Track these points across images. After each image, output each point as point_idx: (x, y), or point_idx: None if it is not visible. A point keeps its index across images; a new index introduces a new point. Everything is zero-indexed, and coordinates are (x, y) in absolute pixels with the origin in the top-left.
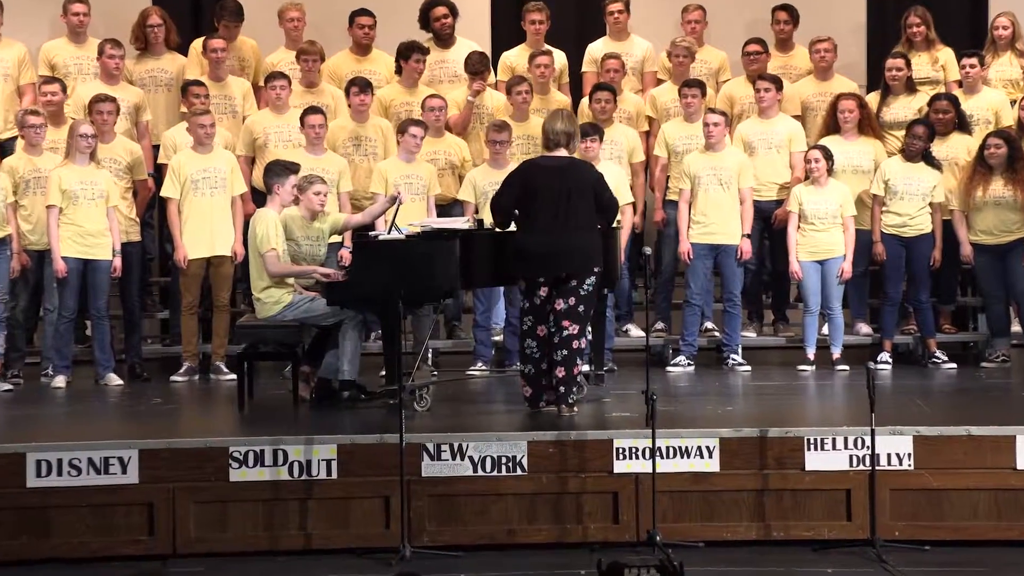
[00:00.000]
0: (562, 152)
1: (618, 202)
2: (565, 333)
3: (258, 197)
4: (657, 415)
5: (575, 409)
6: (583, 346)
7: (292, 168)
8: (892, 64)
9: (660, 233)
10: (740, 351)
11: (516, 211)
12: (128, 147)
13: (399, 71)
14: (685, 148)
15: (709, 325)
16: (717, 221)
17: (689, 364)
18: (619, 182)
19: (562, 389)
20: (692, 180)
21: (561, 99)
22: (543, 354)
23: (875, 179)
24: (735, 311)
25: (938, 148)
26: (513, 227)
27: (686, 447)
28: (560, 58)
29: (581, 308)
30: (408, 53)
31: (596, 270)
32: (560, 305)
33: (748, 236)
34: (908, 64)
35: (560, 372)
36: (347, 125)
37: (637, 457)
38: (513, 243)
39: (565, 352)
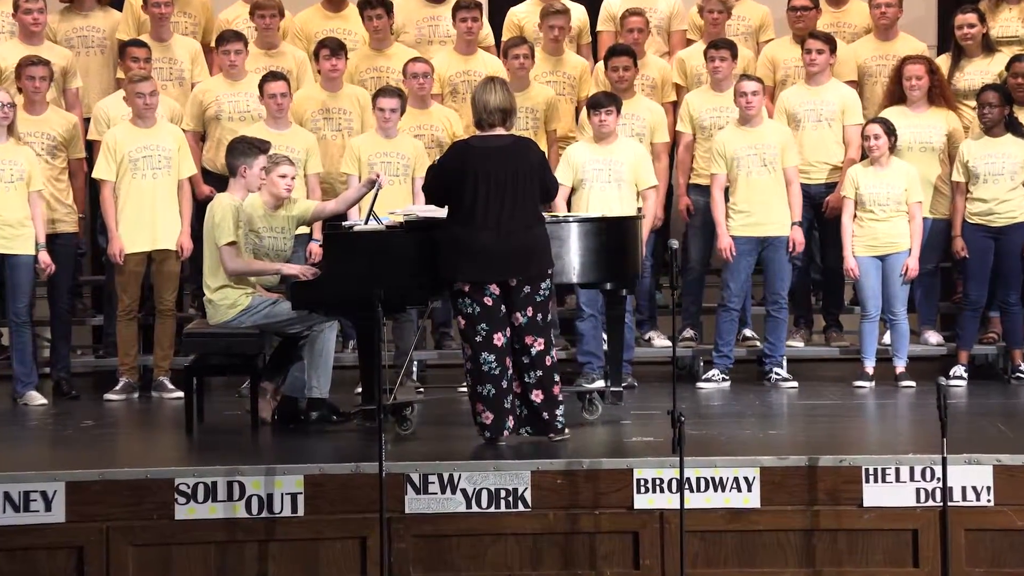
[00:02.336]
0: (500, 131)
1: (558, 183)
2: (534, 351)
3: (208, 179)
4: (685, 440)
5: (566, 433)
6: (556, 358)
7: (261, 147)
8: (962, 20)
9: (686, 224)
10: (785, 364)
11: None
12: (64, 119)
13: None
14: (713, 123)
15: (748, 333)
16: (763, 209)
17: (724, 379)
18: (641, 163)
19: (546, 415)
20: (729, 162)
21: (577, 62)
22: (503, 368)
23: (955, 163)
24: (781, 315)
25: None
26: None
27: (720, 478)
28: (579, 13)
29: (540, 317)
30: (361, 8)
31: (550, 272)
32: (518, 319)
33: (799, 224)
34: (982, 19)
35: (537, 396)
36: (316, 95)
37: (662, 490)
38: (448, 240)
39: (539, 372)
